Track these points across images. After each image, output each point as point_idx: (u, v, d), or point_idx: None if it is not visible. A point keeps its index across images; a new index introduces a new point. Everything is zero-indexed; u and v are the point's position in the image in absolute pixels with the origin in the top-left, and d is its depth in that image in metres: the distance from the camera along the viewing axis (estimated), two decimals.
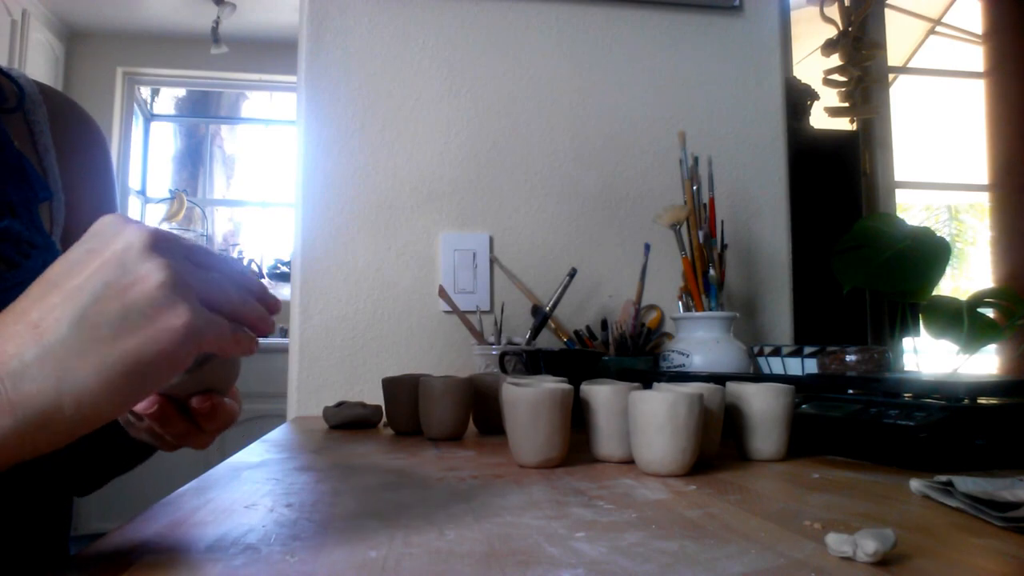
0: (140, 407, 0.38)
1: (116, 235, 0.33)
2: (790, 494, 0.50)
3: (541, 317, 1.07)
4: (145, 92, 3.89)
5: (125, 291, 0.32)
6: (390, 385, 0.85)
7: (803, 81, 1.71)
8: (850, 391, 0.73)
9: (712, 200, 1.08)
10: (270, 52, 3.66)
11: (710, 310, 1.04)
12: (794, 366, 0.94)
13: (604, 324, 1.12)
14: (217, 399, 0.40)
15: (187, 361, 0.33)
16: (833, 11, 1.72)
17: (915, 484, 0.49)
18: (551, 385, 0.61)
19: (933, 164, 2.84)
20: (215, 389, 0.41)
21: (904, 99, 2.58)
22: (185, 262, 0.34)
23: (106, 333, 0.31)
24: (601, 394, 0.63)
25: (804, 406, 0.71)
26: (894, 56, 2.24)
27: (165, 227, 3.71)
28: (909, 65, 2.79)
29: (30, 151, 0.63)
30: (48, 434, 0.31)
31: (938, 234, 1.20)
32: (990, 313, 1.18)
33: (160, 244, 0.33)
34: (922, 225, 1.24)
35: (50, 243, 0.59)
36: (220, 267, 0.37)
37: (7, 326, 0.32)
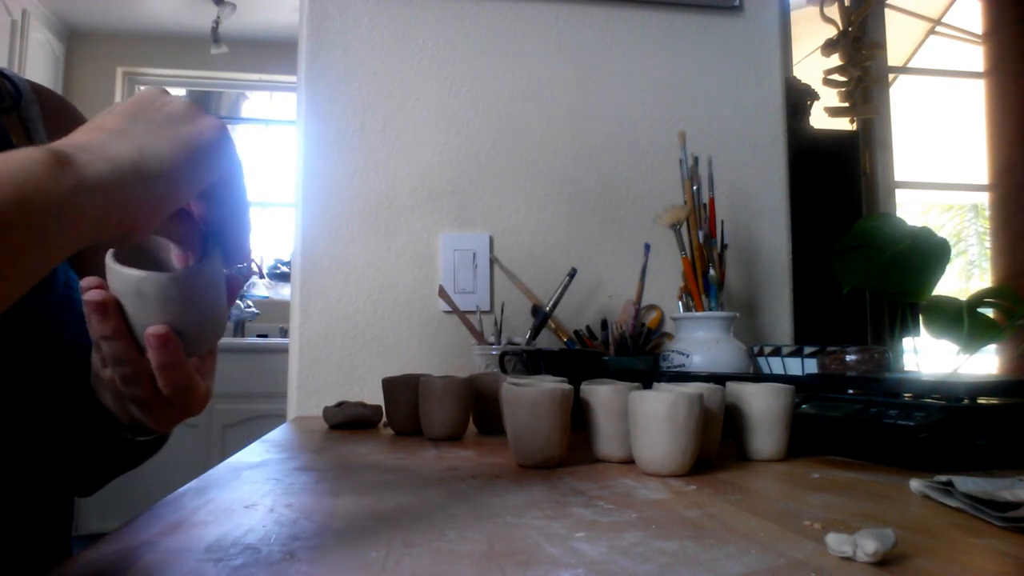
0: (89, 291, 0.40)
1: (133, 96, 0.39)
2: (790, 494, 0.50)
3: (541, 317, 1.07)
4: None
5: (163, 107, 0.38)
6: (390, 385, 0.85)
7: (803, 81, 1.71)
8: (850, 391, 0.73)
9: (712, 200, 1.08)
10: (270, 52, 3.66)
11: (710, 310, 1.04)
12: (794, 366, 0.94)
13: (604, 324, 1.12)
14: (173, 336, 0.39)
15: (228, 159, 0.39)
16: (833, 11, 1.72)
17: (915, 484, 0.49)
18: (551, 385, 0.61)
19: (933, 164, 2.84)
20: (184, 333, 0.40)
21: (904, 99, 2.57)
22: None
23: (162, 126, 0.37)
24: (601, 394, 0.63)
25: (804, 406, 0.71)
26: (894, 56, 2.24)
27: None
28: (909, 65, 2.79)
29: None
30: (141, 190, 0.34)
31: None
32: (990, 313, 1.18)
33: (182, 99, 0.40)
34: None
35: None
36: None
37: (73, 136, 0.36)
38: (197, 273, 0.39)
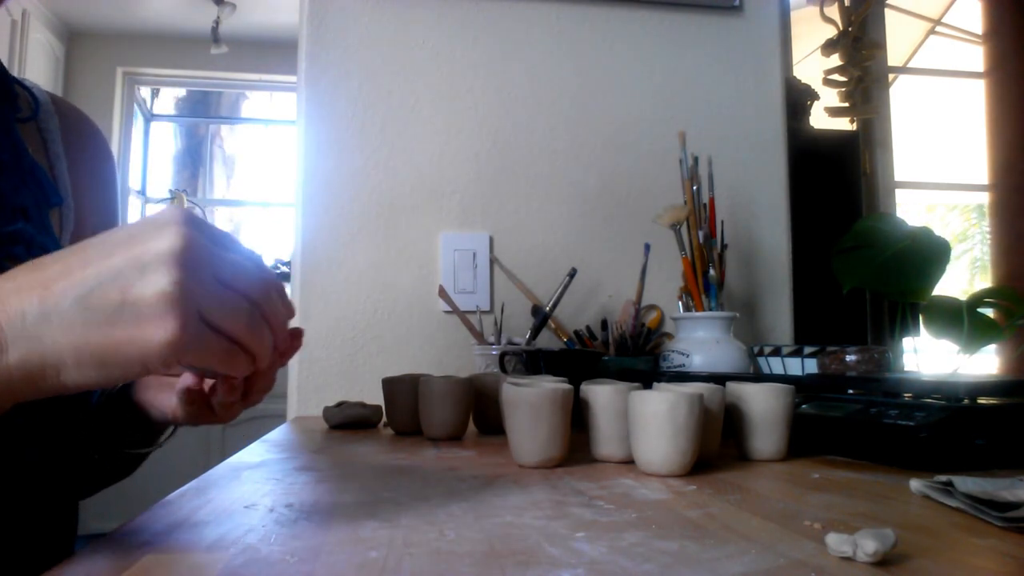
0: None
1: (159, 231, 0.34)
2: (790, 494, 0.50)
3: (541, 317, 1.07)
4: (145, 92, 3.88)
5: (130, 287, 0.33)
6: (390, 385, 0.85)
7: (803, 81, 1.71)
8: (850, 391, 0.73)
9: (712, 200, 1.08)
10: (270, 52, 3.66)
11: (710, 310, 1.04)
12: (794, 366, 0.94)
13: (604, 324, 1.12)
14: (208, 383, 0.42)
15: (159, 369, 0.35)
16: (833, 11, 1.72)
17: (915, 484, 0.49)
18: (551, 385, 0.61)
19: (933, 164, 2.84)
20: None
21: (904, 99, 2.57)
22: (206, 279, 0.35)
23: (97, 319, 0.33)
24: (601, 394, 0.63)
25: (804, 406, 0.71)
26: (894, 56, 2.24)
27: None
28: (909, 65, 2.79)
29: (42, 159, 0.65)
30: (34, 389, 0.35)
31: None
32: (990, 313, 1.18)
33: (188, 258, 0.34)
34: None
35: (59, 247, 0.61)
36: (249, 290, 0.37)
37: (29, 272, 0.35)
38: None
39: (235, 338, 0.36)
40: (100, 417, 0.64)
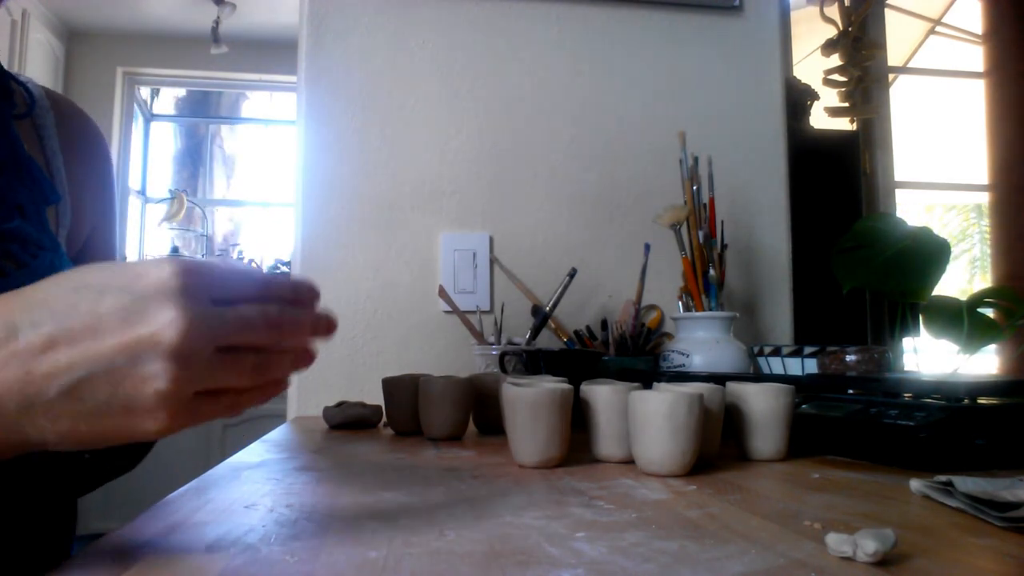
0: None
1: (155, 309, 0.32)
2: (790, 494, 0.50)
3: (541, 317, 1.07)
4: (145, 92, 3.88)
5: (122, 380, 0.32)
6: (390, 385, 0.85)
7: (803, 81, 1.71)
8: (850, 391, 0.73)
9: (712, 200, 1.08)
10: (270, 52, 3.65)
11: (710, 310, 1.04)
12: (794, 366, 0.94)
13: (604, 324, 1.12)
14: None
15: (145, 444, 0.35)
16: (833, 11, 1.72)
17: (915, 484, 0.49)
18: (551, 385, 0.61)
19: (933, 164, 2.84)
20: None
21: (904, 99, 2.57)
22: (204, 357, 0.33)
23: (86, 411, 0.32)
24: (601, 394, 0.63)
25: (804, 406, 0.71)
26: (894, 56, 2.24)
27: (166, 228, 3.71)
28: (909, 65, 2.79)
29: (38, 155, 0.65)
30: (17, 453, 0.35)
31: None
32: (990, 313, 1.17)
33: (185, 343, 0.32)
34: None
35: (56, 244, 0.61)
36: (255, 339, 0.35)
37: (4, 338, 0.32)
38: None
39: (238, 390, 0.36)
40: None
